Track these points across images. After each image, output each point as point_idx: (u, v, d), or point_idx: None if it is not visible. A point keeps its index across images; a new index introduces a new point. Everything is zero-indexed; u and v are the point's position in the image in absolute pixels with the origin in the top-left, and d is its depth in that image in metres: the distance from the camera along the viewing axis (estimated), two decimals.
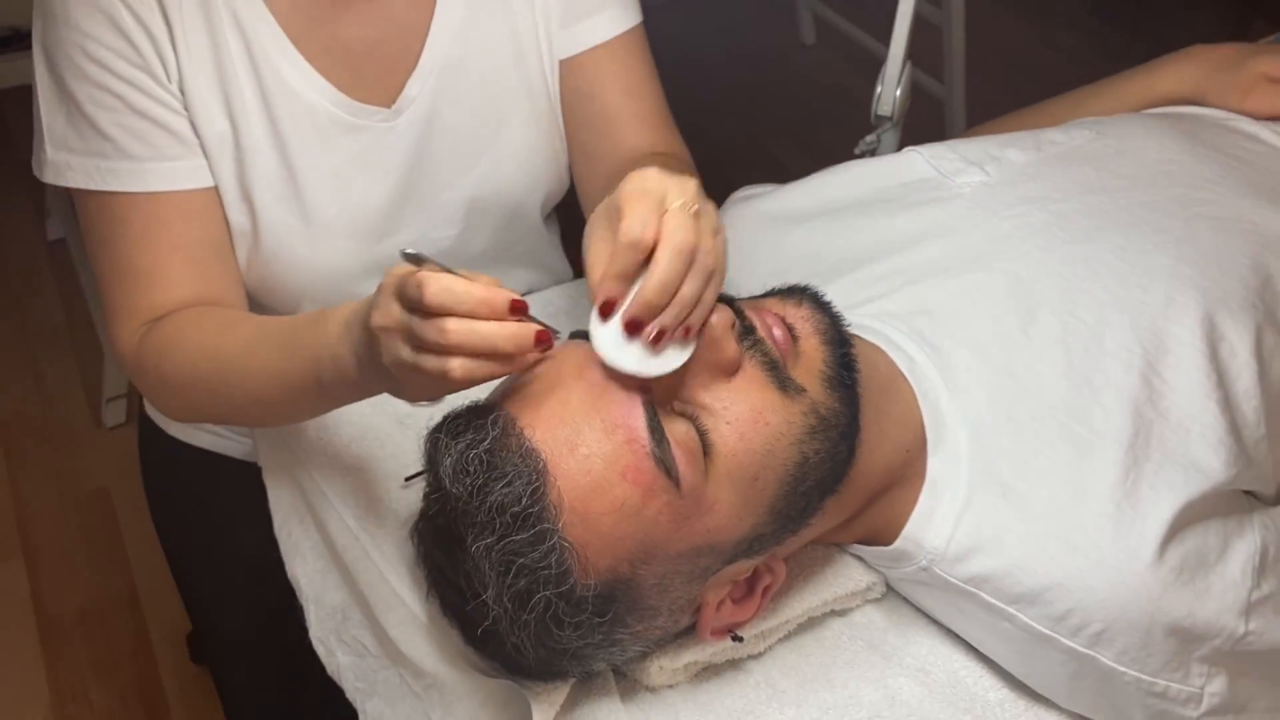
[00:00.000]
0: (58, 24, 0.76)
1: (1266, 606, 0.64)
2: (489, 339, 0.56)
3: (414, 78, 0.84)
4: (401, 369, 0.58)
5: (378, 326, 0.58)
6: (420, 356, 0.57)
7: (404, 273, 0.58)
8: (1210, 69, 0.92)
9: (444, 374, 0.56)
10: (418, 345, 0.57)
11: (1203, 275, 0.72)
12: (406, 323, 0.57)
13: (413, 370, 0.57)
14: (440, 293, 0.55)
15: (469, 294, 0.56)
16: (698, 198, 0.61)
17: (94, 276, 0.82)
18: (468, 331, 0.56)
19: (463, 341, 0.56)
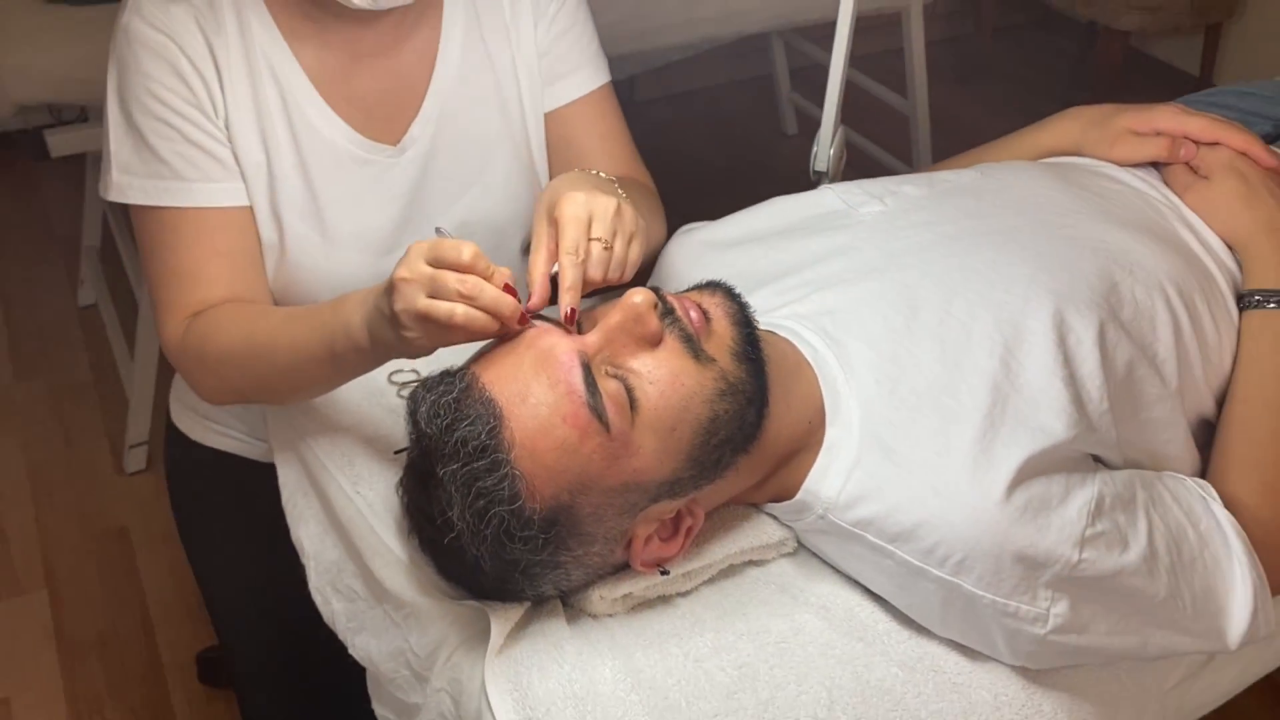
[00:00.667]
0: (130, 71, 0.93)
1: (1100, 541, 0.77)
2: (493, 299, 0.72)
3: (416, 122, 1.01)
4: (411, 315, 0.73)
5: (400, 278, 0.73)
6: (434, 303, 0.72)
7: (436, 241, 0.74)
8: (1086, 125, 1.08)
9: (450, 315, 0.71)
10: (433, 294, 0.72)
11: (1056, 281, 0.87)
12: (431, 275, 0.72)
13: (423, 316, 0.72)
14: (475, 256, 0.73)
15: (489, 263, 0.73)
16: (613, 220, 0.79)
17: (147, 281, 0.98)
18: (480, 287, 0.72)
19: (474, 294, 0.72)
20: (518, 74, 1.04)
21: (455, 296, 0.72)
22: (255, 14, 0.95)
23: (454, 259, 0.73)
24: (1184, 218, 0.99)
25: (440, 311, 0.72)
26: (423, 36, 1.01)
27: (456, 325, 0.73)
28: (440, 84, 1.01)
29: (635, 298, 0.76)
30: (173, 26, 0.93)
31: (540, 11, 1.04)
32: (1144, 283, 0.90)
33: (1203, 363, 0.92)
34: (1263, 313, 0.93)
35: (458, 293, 0.72)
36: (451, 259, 0.73)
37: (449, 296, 0.72)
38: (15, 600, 1.83)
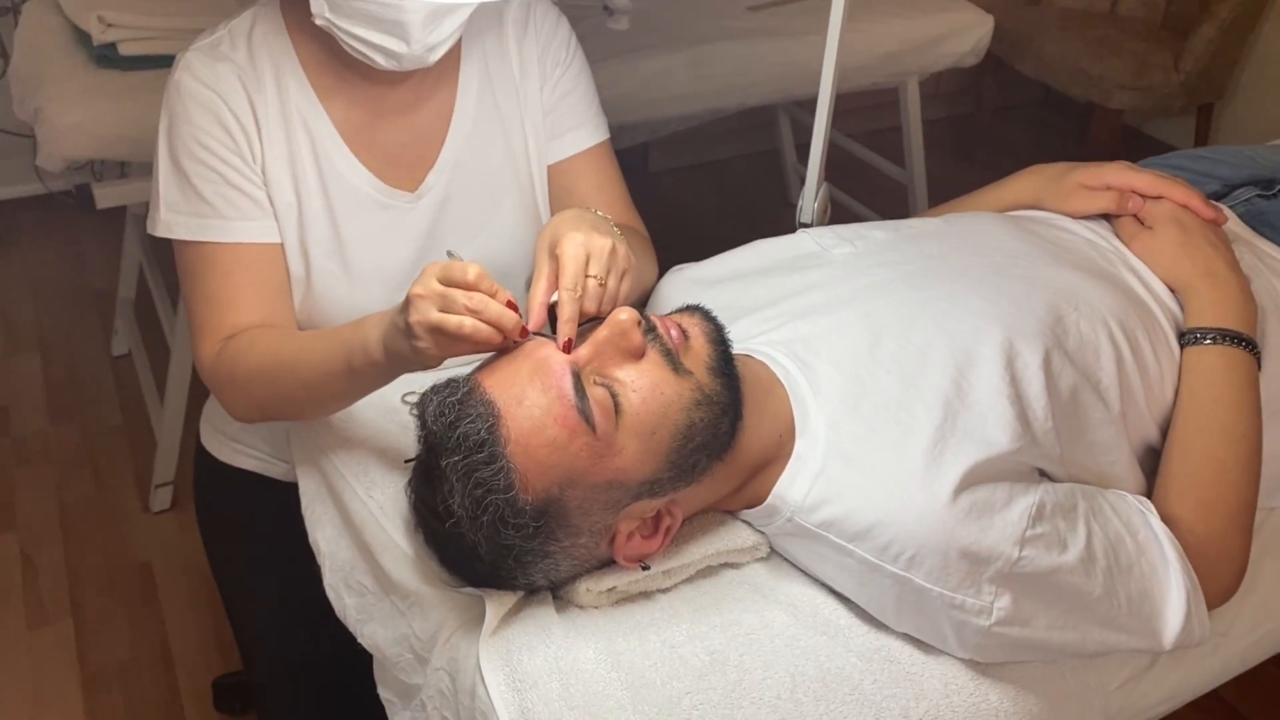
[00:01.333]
0: (180, 121, 1.04)
1: (1039, 542, 0.85)
2: (496, 313, 0.82)
3: (432, 172, 1.12)
4: (425, 326, 0.82)
5: (415, 294, 0.83)
6: (445, 316, 0.81)
7: (448, 262, 0.84)
8: (1044, 180, 1.19)
9: (459, 326, 0.81)
10: (444, 308, 0.81)
11: (1006, 313, 0.97)
12: (442, 292, 0.82)
13: (435, 327, 0.81)
14: (480, 275, 0.82)
15: (493, 282, 0.83)
16: (609, 262, 0.88)
17: (186, 308, 1.08)
18: (485, 302, 0.82)
19: (480, 307, 0.81)
20: (525, 130, 1.16)
21: (463, 310, 0.82)
22: (292, 73, 1.07)
23: (462, 278, 0.83)
24: (1129, 263, 1.09)
25: (450, 323, 0.82)
26: (441, 96, 1.12)
27: (464, 335, 0.82)
28: (455, 138, 1.13)
29: (621, 315, 0.86)
30: (218, 83, 1.04)
31: (546, 76, 1.16)
32: (1089, 317, 0.99)
33: (1145, 392, 1.00)
34: (1200, 348, 1.02)
35: (465, 307, 0.82)
36: (460, 278, 0.83)
37: (458, 310, 0.82)
38: (42, 630, 1.91)
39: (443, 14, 0.98)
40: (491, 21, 1.13)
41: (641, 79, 2.13)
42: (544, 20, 1.15)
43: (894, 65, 2.40)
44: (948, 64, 2.48)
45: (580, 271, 0.87)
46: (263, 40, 1.06)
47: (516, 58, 1.14)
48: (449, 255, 0.87)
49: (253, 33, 1.07)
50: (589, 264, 0.88)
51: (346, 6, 0.96)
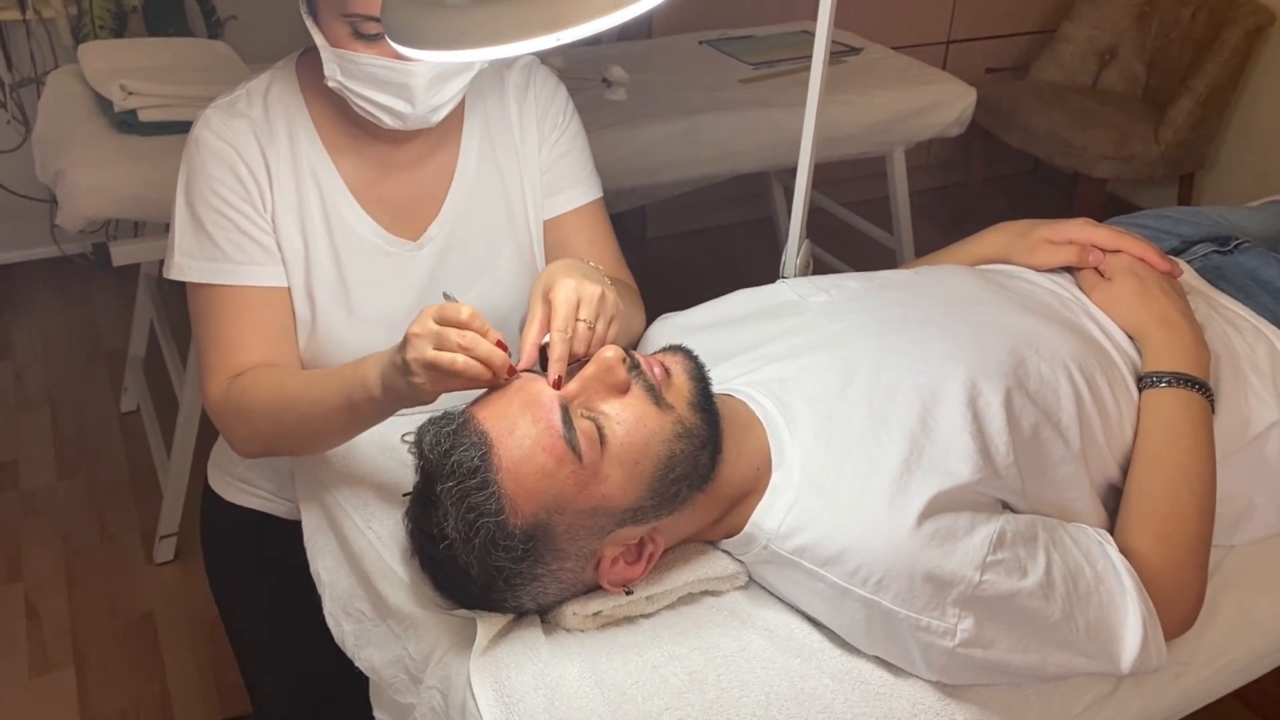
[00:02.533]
0: (197, 172, 1.11)
1: (1000, 567, 0.90)
2: (486, 351, 0.88)
3: (434, 223, 1.19)
4: (420, 363, 0.88)
5: (413, 333, 0.89)
6: (439, 353, 0.87)
7: (444, 304, 0.90)
8: (1010, 236, 1.26)
9: (452, 363, 0.87)
10: (439, 345, 0.88)
11: (969, 355, 1.03)
12: (437, 331, 0.88)
13: (429, 364, 0.87)
14: (473, 315, 0.89)
15: (485, 323, 0.90)
16: (597, 305, 0.94)
17: (196, 347, 1.14)
18: (477, 340, 0.88)
19: (472, 345, 0.87)
20: (523, 186, 1.23)
21: (456, 348, 0.88)
22: (304, 130, 1.15)
23: (456, 318, 0.89)
24: (1090, 312, 1.15)
25: (443, 360, 0.88)
26: (445, 153, 1.20)
27: (457, 371, 0.88)
28: (457, 193, 1.20)
29: (607, 353, 0.92)
30: (234, 137, 1.12)
31: (544, 137, 1.24)
32: (1049, 360, 1.05)
33: (1105, 431, 1.06)
34: (1157, 391, 1.08)
35: (458, 345, 0.88)
36: (454, 318, 0.90)
37: (451, 348, 0.88)
38: (44, 677, 1.94)
39: (446, 77, 1.06)
40: (494, 85, 1.22)
41: (638, 146, 2.23)
42: (543, 86, 1.24)
43: (880, 135, 2.50)
44: (932, 134, 2.57)
45: (571, 315, 0.94)
46: (278, 100, 1.14)
47: (517, 120, 1.22)
48: (445, 297, 0.94)
49: (269, 93, 1.15)
50: (579, 308, 0.94)
51: (356, 70, 1.04)
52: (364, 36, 1.02)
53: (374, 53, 1.03)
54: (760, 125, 2.33)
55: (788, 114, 2.34)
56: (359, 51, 1.03)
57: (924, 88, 2.55)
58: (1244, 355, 1.16)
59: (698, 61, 2.66)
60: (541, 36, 0.65)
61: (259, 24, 2.99)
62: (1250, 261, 1.30)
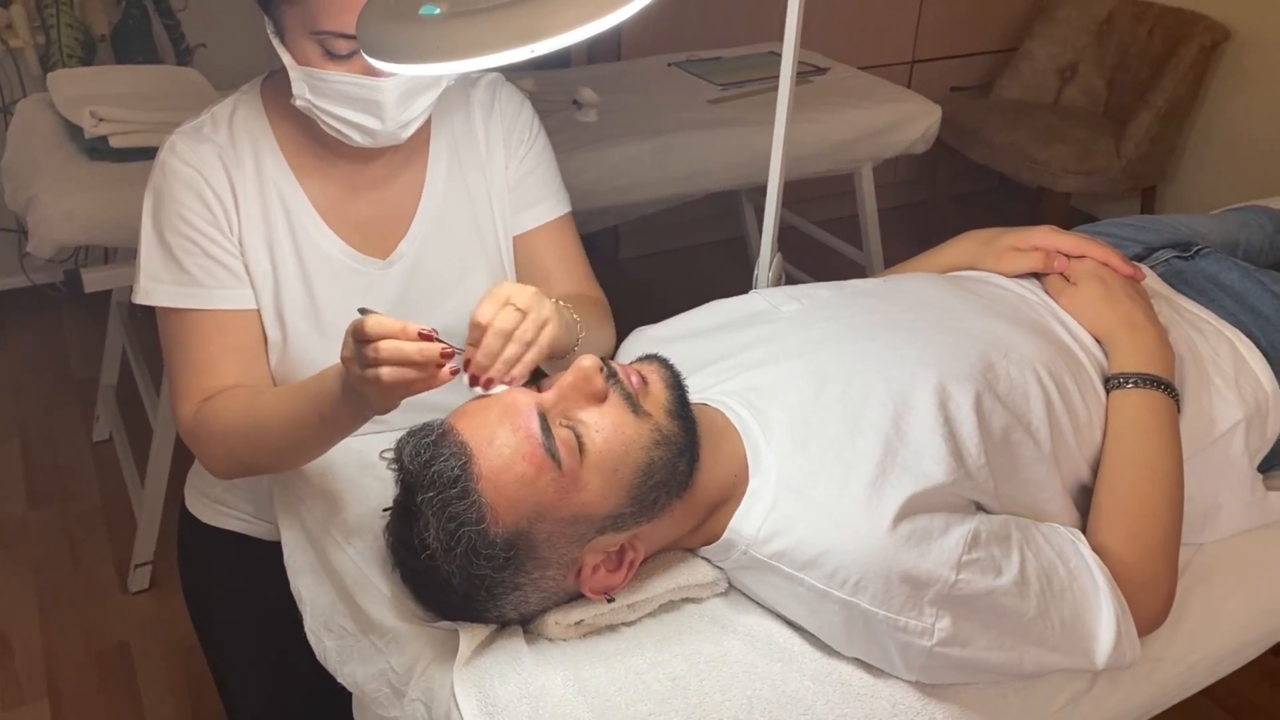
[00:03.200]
0: (164, 197, 1.11)
1: (975, 566, 0.92)
2: (404, 352, 0.87)
3: (404, 241, 1.20)
4: (358, 381, 0.89)
5: (343, 358, 0.90)
6: (365, 370, 0.88)
7: (355, 320, 0.89)
8: (978, 244, 1.28)
9: (378, 379, 0.87)
10: (364, 364, 0.88)
11: (940, 360, 1.05)
12: (356, 350, 0.88)
13: (363, 381, 0.88)
14: (374, 325, 0.88)
15: (390, 326, 0.88)
16: (531, 300, 0.95)
17: (168, 372, 1.14)
18: (391, 348, 0.87)
19: (387, 355, 0.87)
20: (491, 203, 1.24)
21: (373, 361, 0.88)
22: (270, 153, 1.15)
23: (361, 335, 0.88)
24: (1057, 316, 1.18)
25: (369, 376, 0.88)
26: (412, 172, 1.21)
27: (387, 384, 0.88)
28: (425, 211, 1.21)
29: (585, 361, 0.93)
30: (200, 162, 1.12)
31: (511, 154, 1.25)
32: (1018, 364, 1.07)
33: (1074, 432, 1.08)
34: (1124, 392, 1.10)
35: (374, 359, 0.87)
36: (360, 335, 0.88)
37: (370, 363, 0.88)
38: (17, 710, 1.91)
39: (415, 93, 1.07)
40: (459, 103, 1.23)
41: (610, 167, 2.25)
42: (508, 103, 1.25)
43: (848, 153, 2.53)
44: (899, 151, 2.61)
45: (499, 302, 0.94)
46: (243, 123, 1.15)
47: (483, 137, 1.23)
48: (360, 312, 0.91)
49: (234, 117, 1.15)
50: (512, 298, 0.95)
51: (325, 88, 1.05)
52: (333, 55, 1.03)
53: (343, 70, 1.04)
54: (730, 144, 2.36)
55: (757, 133, 2.37)
56: (328, 69, 1.04)
57: (890, 106, 2.59)
58: (1207, 357, 1.19)
59: (667, 83, 2.69)
60: (516, 48, 0.67)
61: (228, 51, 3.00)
62: (1211, 266, 1.33)
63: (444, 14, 0.68)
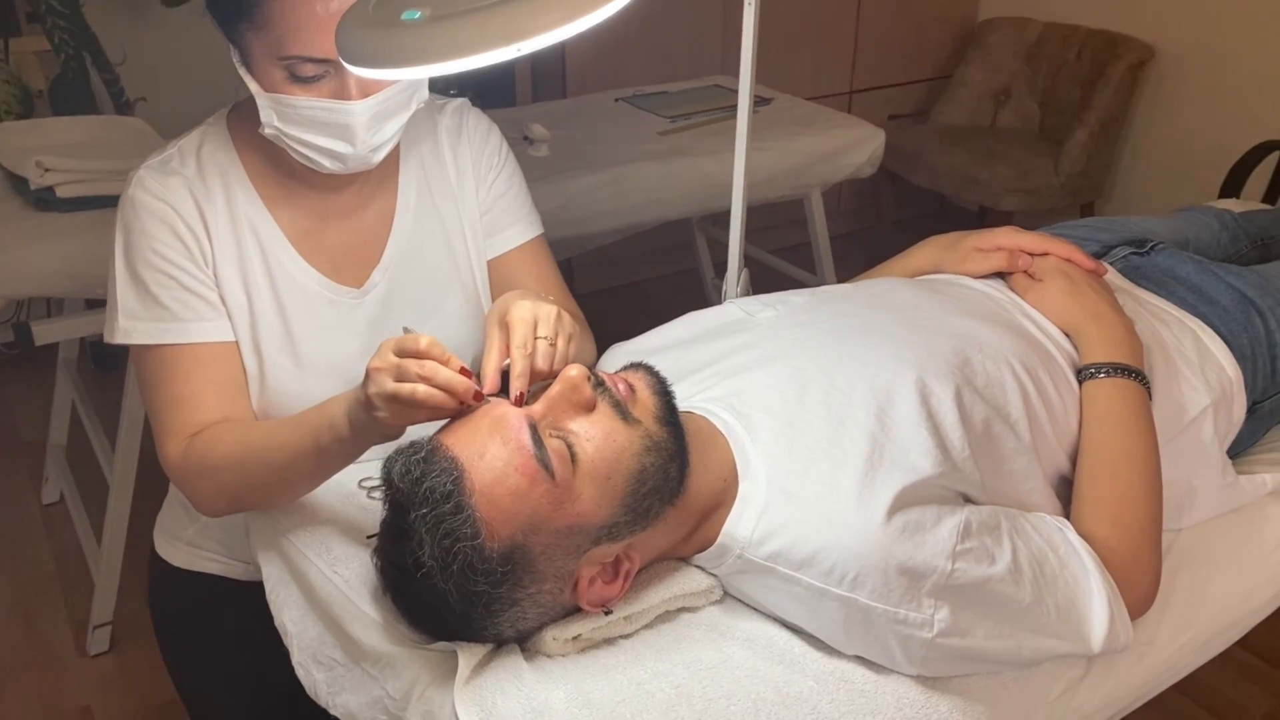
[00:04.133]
0: (135, 233, 1.09)
1: (969, 555, 0.92)
2: (447, 379, 0.88)
3: (377, 269, 1.19)
4: (382, 396, 0.88)
5: (373, 367, 0.89)
6: (400, 385, 0.87)
7: (403, 336, 0.90)
8: (941, 248, 1.30)
9: (413, 393, 0.87)
10: (399, 378, 0.87)
11: (917, 357, 1.06)
12: (397, 363, 0.88)
13: (391, 396, 0.87)
14: (432, 344, 0.89)
15: (445, 350, 0.90)
16: (556, 325, 0.96)
17: (150, 412, 1.11)
18: (437, 369, 0.88)
19: (432, 374, 0.88)
20: (464, 229, 1.24)
21: (415, 378, 0.88)
22: (239, 184, 1.14)
23: (414, 348, 0.89)
24: (1025, 312, 1.20)
25: (404, 391, 0.88)
26: (383, 200, 1.20)
27: (418, 401, 0.88)
28: (398, 238, 1.20)
29: (571, 371, 0.92)
30: (170, 195, 1.10)
31: (481, 179, 1.25)
32: (992, 358, 1.09)
33: (1051, 423, 1.09)
34: (1096, 382, 1.12)
35: (418, 375, 0.88)
36: (412, 348, 0.90)
37: (411, 378, 0.88)
38: None
39: (385, 117, 1.07)
40: (427, 130, 1.23)
41: (566, 199, 2.26)
42: (476, 128, 1.25)
43: (798, 178, 2.57)
44: (847, 175, 2.66)
45: (529, 333, 0.94)
46: (210, 156, 1.14)
47: (452, 163, 1.23)
48: (405, 331, 0.93)
49: (201, 149, 1.14)
50: (537, 326, 0.95)
51: (294, 114, 1.04)
52: (301, 79, 1.02)
53: (311, 95, 1.03)
54: (683, 173, 2.39)
55: (709, 160, 2.40)
56: (296, 95, 1.03)
57: (835, 131, 2.64)
58: (1172, 346, 1.22)
59: (615, 117, 2.71)
60: (501, 48, 0.67)
61: (169, 103, 2.96)
62: (1167, 261, 1.37)
63: (427, 18, 0.68)
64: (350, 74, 1.02)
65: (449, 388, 0.89)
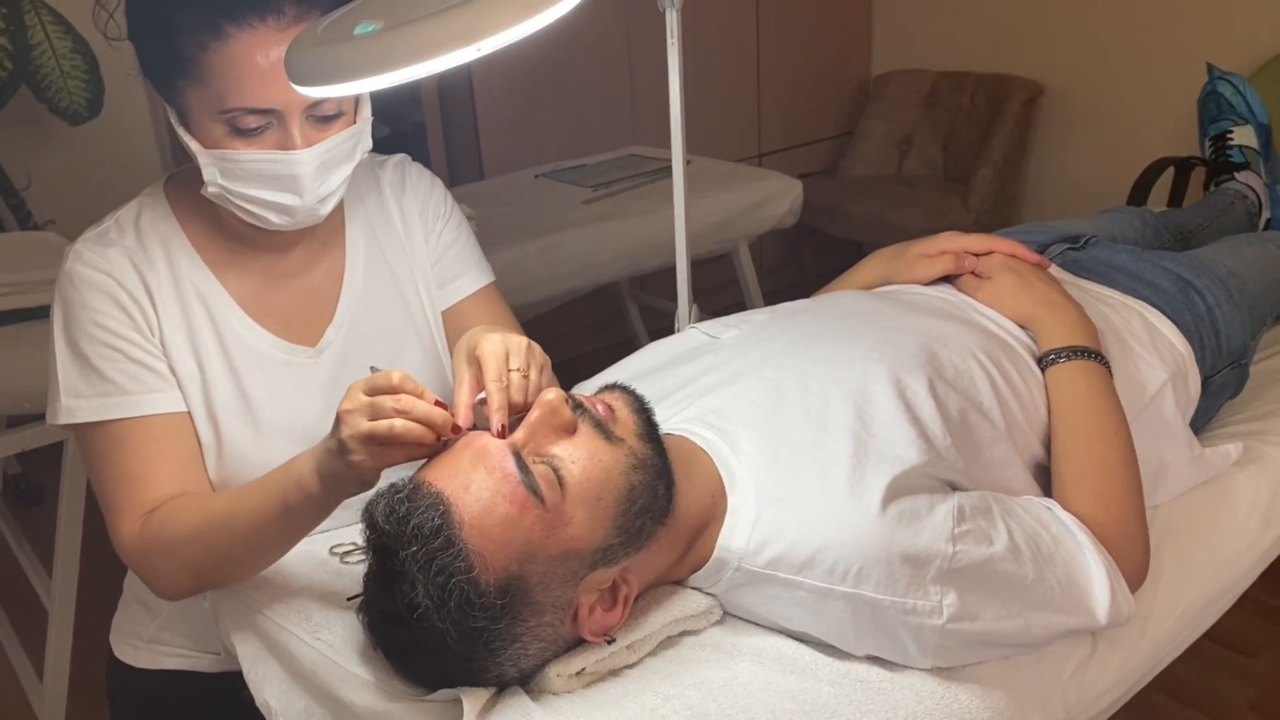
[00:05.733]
0: (75, 307, 1.06)
1: (969, 537, 0.91)
2: (425, 411, 0.86)
3: (331, 327, 1.16)
4: (358, 437, 0.85)
5: (344, 410, 0.86)
6: (375, 423, 0.84)
7: (372, 374, 0.87)
8: (887, 259, 1.32)
9: (390, 429, 0.84)
10: (374, 415, 0.85)
11: (886, 355, 1.06)
12: (369, 402, 0.85)
13: (367, 436, 0.84)
14: (404, 378, 0.87)
15: (418, 384, 0.87)
16: (528, 356, 0.95)
17: (99, 494, 1.05)
18: (413, 402, 0.85)
19: (409, 408, 0.85)
20: (416, 281, 1.22)
21: (391, 413, 0.85)
22: (182, 251, 1.11)
23: (386, 384, 0.87)
24: (979, 310, 1.21)
25: (380, 428, 0.85)
26: (331, 257, 1.18)
27: (395, 437, 0.85)
28: (349, 294, 1.18)
29: (549, 395, 0.91)
30: (110, 266, 1.07)
31: (429, 230, 1.24)
32: (957, 351, 1.10)
33: (1022, 411, 1.10)
34: (1058, 366, 1.14)
35: (394, 410, 0.85)
36: (384, 385, 0.87)
37: (386, 414, 0.85)
38: None
39: (330, 167, 1.05)
40: (369, 186, 1.22)
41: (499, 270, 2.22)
42: (419, 180, 1.25)
43: (724, 232, 2.61)
44: (770, 225, 2.70)
45: (502, 365, 0.93)
46: (150, 225, 1.11)
47: (399, 216, 1.22)
48: (371, 370, 0.91)
49: (139, 219, 1.11)
50: (509, 359, 0.93)
51: (238, 170, 1.02)
52: (243, 132, 1.00)
53: (255, 148, 1.02)
54: (612, 235, 2.40)
55: (636, 221, 2.43)
56: (239, 149, 1.01)
57: (755, 185, 2.69)
58: (1123, 328, 1.24)
59: (538, 191, 2.73)
60: (462, 48, 0.66)
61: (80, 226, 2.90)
62: (1102, 253, 1.41)
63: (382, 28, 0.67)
64: (294, 124, 1.00)
65: (428, 420, 0.86)
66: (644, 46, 3.40)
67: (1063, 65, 3.48)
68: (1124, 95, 3.35)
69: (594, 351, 3.62)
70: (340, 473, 0.89)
